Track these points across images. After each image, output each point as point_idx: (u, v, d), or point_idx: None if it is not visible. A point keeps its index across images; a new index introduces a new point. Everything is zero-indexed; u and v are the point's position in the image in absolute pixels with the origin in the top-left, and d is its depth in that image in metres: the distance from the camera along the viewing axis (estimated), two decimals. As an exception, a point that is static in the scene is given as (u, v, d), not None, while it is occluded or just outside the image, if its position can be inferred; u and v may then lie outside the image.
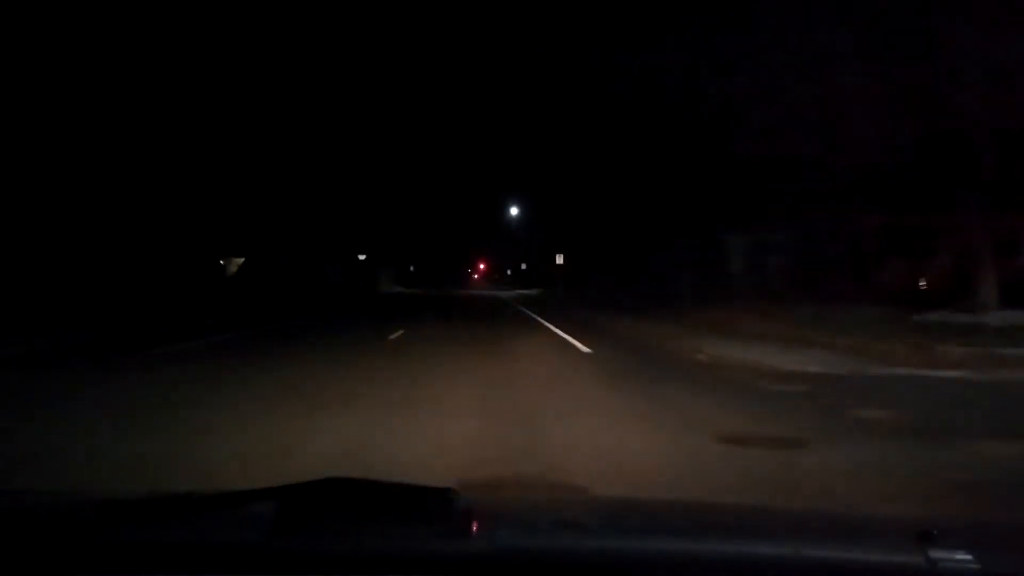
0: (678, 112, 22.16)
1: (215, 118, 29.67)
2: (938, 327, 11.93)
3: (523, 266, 63.78)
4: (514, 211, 66.51)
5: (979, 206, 13.68)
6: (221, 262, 47.01)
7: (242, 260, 37.99)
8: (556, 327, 16.54)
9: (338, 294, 42.04)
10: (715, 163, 20.76)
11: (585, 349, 11.81)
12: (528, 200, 62.92)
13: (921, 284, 18.55)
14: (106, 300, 19.59)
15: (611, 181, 37.99)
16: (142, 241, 27.27)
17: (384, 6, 46.41)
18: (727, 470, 4.43)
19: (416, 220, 73.07)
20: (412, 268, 75.27)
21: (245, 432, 5.46)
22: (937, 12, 12.12)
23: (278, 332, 15.63)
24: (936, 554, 1.13)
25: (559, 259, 40.09)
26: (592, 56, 25.64)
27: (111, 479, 4.17)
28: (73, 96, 21.66)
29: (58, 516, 1.41)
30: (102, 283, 22.21)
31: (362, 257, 59.50)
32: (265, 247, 44.56)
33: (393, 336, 14.31)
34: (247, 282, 36.27)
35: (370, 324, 17.98)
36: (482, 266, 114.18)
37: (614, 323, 17.79)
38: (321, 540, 1.14)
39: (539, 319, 19.79)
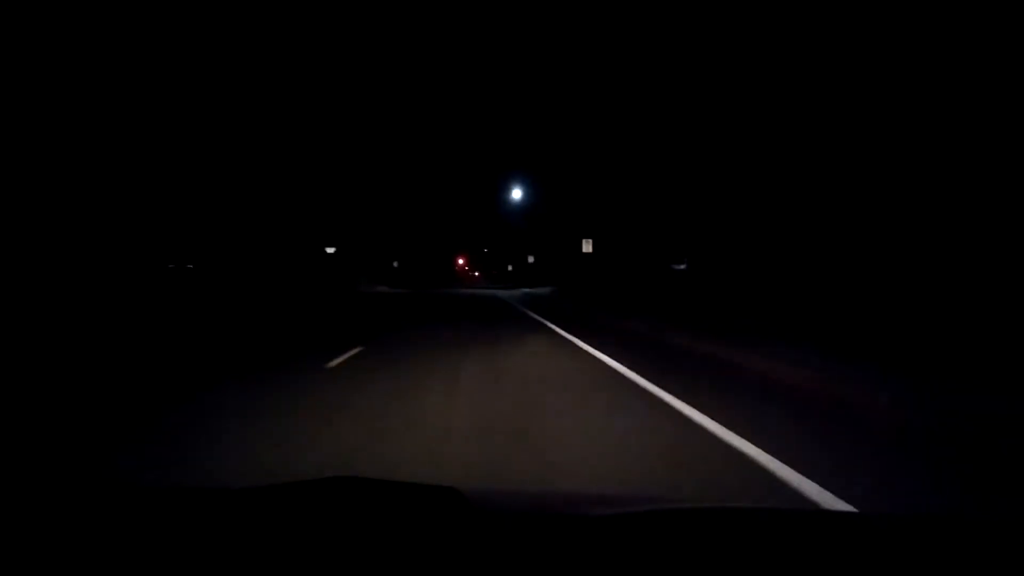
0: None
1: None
2: None
3: (530, 259, 51.98)
4: (516, 194, 54.82)
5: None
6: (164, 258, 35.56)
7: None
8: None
9: (285, 296, 30.42)
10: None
11: None
12: (534, 180, 51.37)
13: None
14: None
15: (660, 140, 26.26)
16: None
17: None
18: None
19: (400, 207, 61.29)
20: (396, 264, 63.31)
21: None
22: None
23: None
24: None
25: (587, 246, 28.36)
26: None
27: None
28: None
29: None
30: None
31: (331, 250, 47.78)
32: (177, 236, 32.87)
33: None
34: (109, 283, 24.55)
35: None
36: (478, 262, 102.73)
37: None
38: (322, 538, 1.11)
39: (649, 387, 6.83)
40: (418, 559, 1.07)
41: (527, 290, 49.44)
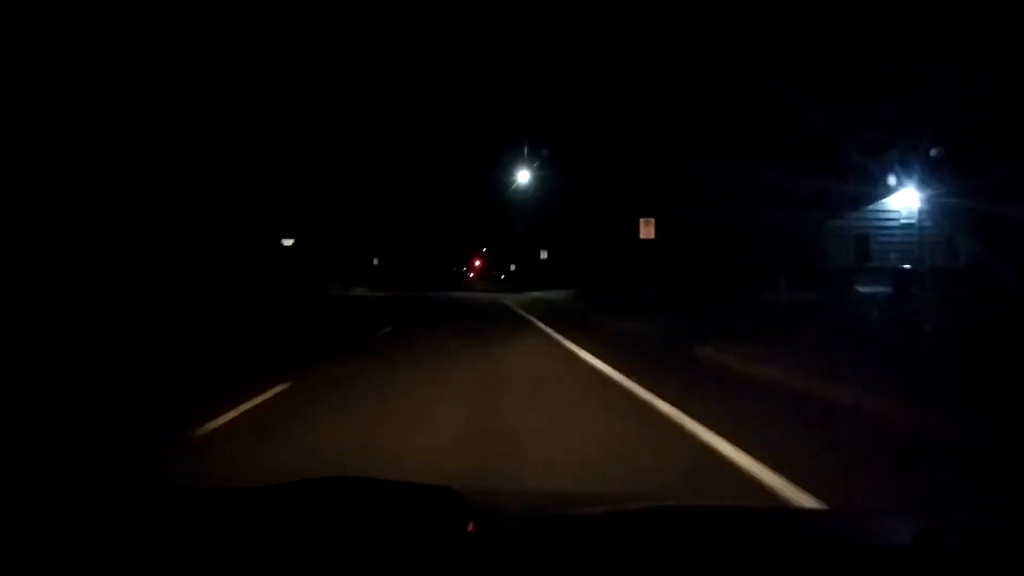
0: None
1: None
2: None
3: (543, 254, 41.39)
4: (523, 177, 44.37)
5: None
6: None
7: None
8: None
9: (210, 305, 20.08)
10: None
11: None
12: (546, 160, 40.96)
13: None
14: None
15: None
16: None
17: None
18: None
19: (380, 193, 50.81)
20: (376, 262, 52.60)
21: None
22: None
23: None
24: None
25: (646, 229, 17.98)
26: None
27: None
28: None
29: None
30: None
31: (288, 243, 37.31)
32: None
33: None
34: None
35: None
36: (476, 259, 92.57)
37: None
38: (319, 538, 1.09)
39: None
40: (414, 559, 1.04)
41: (538, 294, 38.89)
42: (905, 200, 27.07)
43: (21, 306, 15.51)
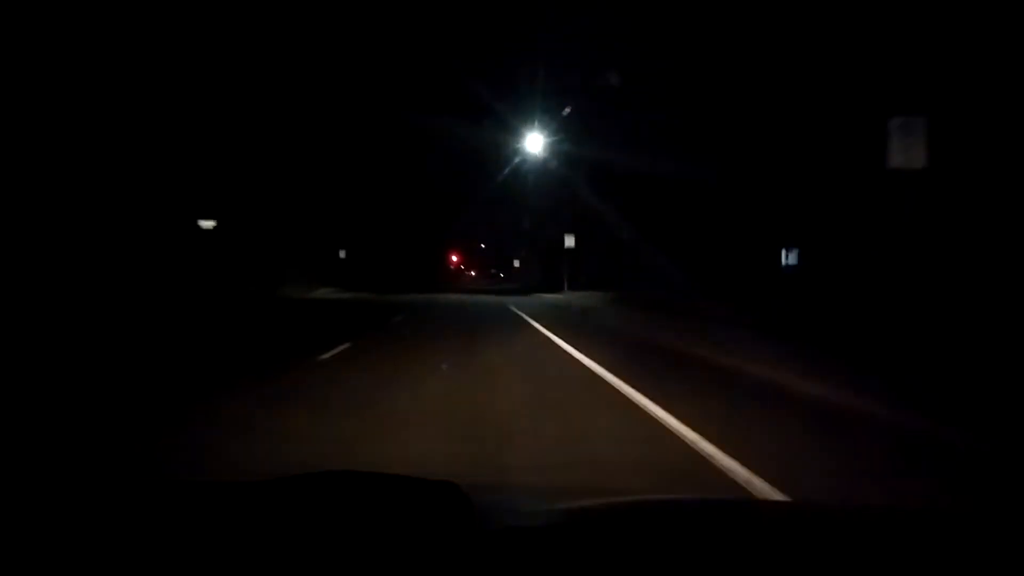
0: None
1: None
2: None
3: (568, 241, 30.59)
4: (534, 144, 34.03)
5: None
6: None
7: None
8: None
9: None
10: None
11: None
12: (566, 124, 30.81)
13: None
14: None
15: None
16: None
17: None
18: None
19: (349, 169, 40.13)
20: (342, 254, 41.65)
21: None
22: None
23: None
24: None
25: (908, 152, 6.94)
26: None
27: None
28: None
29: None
30: None
31: (208, 224, 26.54)
32: None
33: None
34: None
35: None
36: (473, 256, 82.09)
37: None
38: (317, 534, 1.04)
39: None
40: (416, 555, 1.01)
41: (546, 295, 28.19)
42: None
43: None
